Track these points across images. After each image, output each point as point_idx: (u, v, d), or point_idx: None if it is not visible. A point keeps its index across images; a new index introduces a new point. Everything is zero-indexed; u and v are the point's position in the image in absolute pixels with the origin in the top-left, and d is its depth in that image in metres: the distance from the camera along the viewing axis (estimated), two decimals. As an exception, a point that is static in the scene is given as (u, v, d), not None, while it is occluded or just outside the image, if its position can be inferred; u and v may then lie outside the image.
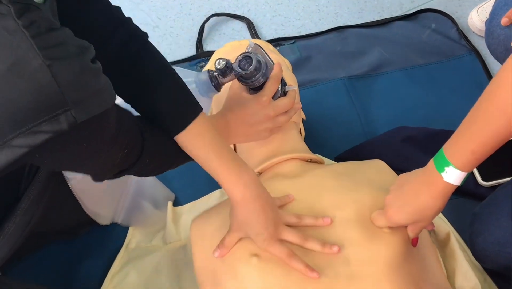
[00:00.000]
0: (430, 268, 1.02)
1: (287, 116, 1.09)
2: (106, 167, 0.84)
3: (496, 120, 0.80)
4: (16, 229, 0.97)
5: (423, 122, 1.45)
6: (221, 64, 1.00)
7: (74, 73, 0.66)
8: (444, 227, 1.20)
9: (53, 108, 0.65)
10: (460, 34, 1.65)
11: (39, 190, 1.00)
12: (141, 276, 1.23)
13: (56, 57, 0.65)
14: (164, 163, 0.95)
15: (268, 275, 0.92)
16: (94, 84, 0.70)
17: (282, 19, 1.74)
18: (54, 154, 0.72)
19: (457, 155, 0.85)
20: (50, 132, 0.65)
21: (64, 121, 0.65)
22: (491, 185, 1.31)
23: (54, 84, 0.64)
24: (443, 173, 0.86)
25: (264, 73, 1.03)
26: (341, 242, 0.94)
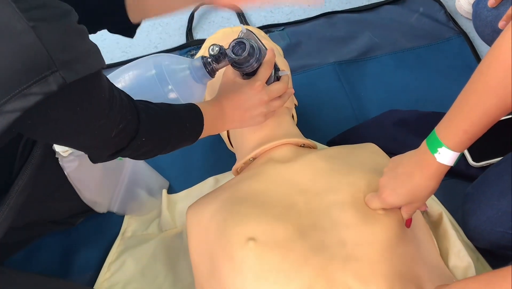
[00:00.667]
0: (424, 248, 1.03)
1: (281, 101, 1.10)
2: (101, 140, 0.83)
3: (487, 100, 0.81)
4: (10, 211, 0.97)
5: (413, 105, 1.46)
6: (215, 50, 1.00)
7: (59, 33, 0.67)
8: (437, 207, 1.21)
9: (41, 69, 0.65)
10: (448, 17, 1.66)
11: (33, 170, 1.00)
12: (137, 264, 1.23)
13: (39, 18, 0.65)
14: (159, 143, 0.94)
15: (265, 259, 0.92)
16: (81, 45, 0.70)
17: (270, 5, 1.74)
18: (47, 119, 0.71)
19: (450, 135, 0.86)
20: (41, 94, 0.65)
21: (53, 82, 0.66)
22: (482, 165, 1.31)
23: (39, 45, 0.64)
24: (436, 154, 0.87)
25: (257, 58, 1.04)
26: (336, 224, 0.95)
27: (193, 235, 1.06)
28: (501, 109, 0.81)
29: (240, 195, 1.03)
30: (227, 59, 1.02)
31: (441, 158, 0.87)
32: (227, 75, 1.09)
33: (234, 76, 1.08)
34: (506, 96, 0.79)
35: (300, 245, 0.93)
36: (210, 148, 1.42)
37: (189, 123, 0.98)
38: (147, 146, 0.91)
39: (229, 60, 1.02)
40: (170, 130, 0.94)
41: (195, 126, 0.99)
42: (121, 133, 0.84)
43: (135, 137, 0.87)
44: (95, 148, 0.86)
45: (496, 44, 0.79)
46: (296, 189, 1.02)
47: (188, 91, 1.03)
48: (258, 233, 0.94)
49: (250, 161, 1.15)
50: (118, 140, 0.85)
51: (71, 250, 1.30)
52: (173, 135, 0.96)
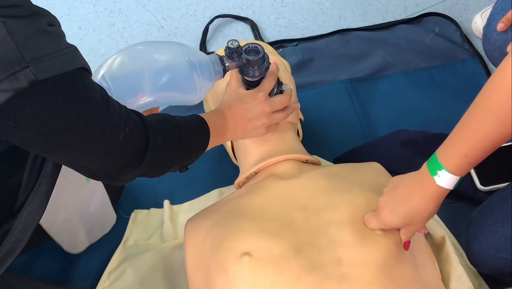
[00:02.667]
0: (423, 271, 1.02)
1: (284, 113, 1.10)
2: (109, 147, 0.79)
3: (488, 124, 0.80)
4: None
5: (424, 126, 1.44)
6: (234, 44, 1.02)
7: (30, 31, 0.67)
8: (440, 230, 1.20)
9: (11, 65, 0.64)
10: (463, 38, 1.65)
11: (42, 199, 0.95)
12: (137, 274, 1.23)
13: (10, 15, 0.65)
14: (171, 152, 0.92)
15: (259, 274, 0.92)
16: (53, 44, 0.69)
17: (286, 21, 1.75)
18: (31, 120, 0.69)
19: (450, 158, 0.85)
20: (11, 91, 0.65)
21: (24, 78, 0.65)
22: (490, 189, 1.29)
23: (10, 40, 0.64)
24: (436, 176, 0.86)
25: (264, 69, 1.06)
26: (333, 243, 0.94)
27: (190, 248, 1.06)
28: (502, 134, 0.80)
29: (238, 209, 1.03)
30: (241, 59, 1.04)
31: (440, 180, 0.86)
32: (230, 85, 1.10)
33: (237, 86, 1.09)
34: (507, 121, 0.78)
35: (295, 262, 0.92)
36: (216, 160, 1.43)
37: (197, 128, 0.98)
38: (166, 146, 0.89)
39: (241, 62, 1.04)
40: (180, 133, 0.92)
41: (203, 132, 0.99)
42: (130, 136, 0.82)
43: (148, 142, 0.85)
44: (105, 155, 0.81)
45: (499, 69, 0.78)
46: (295, 205, 1.01)
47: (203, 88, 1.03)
48: (253, 248, 0.94)
49: (252, 175, 1.15)
50: (130, 145, 0.83)
51: (72, 257, 1.31)
52: (184, 140, 0.93)
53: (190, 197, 1.38)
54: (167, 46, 1.05)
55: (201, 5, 1.80)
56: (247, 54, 1.04)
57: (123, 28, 1.77)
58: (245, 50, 1.04)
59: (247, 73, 1.06)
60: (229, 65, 1.04)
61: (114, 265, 1.27)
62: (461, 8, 1.73)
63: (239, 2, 1.80)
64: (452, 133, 0.85)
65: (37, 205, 0.91)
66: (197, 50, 1.06)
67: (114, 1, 1.84)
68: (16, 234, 0.90)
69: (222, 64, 1.03)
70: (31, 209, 0.90)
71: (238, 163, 1.25)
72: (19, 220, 0.89)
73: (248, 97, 1.06)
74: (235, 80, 1.09)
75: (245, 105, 1.06)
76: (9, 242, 0.89)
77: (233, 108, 1.06)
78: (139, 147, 0.84)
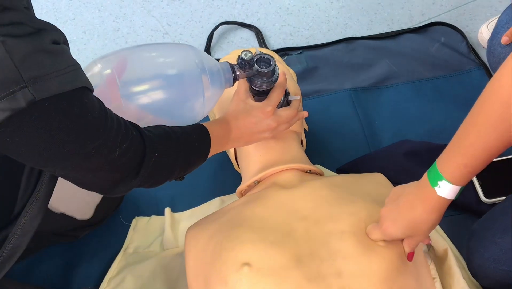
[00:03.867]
0: (424, 283, 1.01)
1: (289, 124, 1.11)
2: (103, 162, 0.80)
3: (486, 134, 0.79)
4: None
5: (428, 137, 1.44)
6: (248, 56, 1.02)
7: (29, 50, 0.67)
8: (443, 243, 1.18)
9: (9, 84, 0.65)
10: (469, 48, 1.64)
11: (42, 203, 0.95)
12: (137, 282, 1.23)
13: (10, 34, 0.66)
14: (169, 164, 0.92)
15: (258, 285, 0.91)
16: (53, 64, 0.69)
17: (291, 29, 1.74)
18: (25, 138, 0.70)
19: (450, 169, 0.84)
20: (8, 110, 0.65)
21: (21, 98, 0.65)
22: (494, 202, 1.29)
23: (8, 59, 0.64)
24: (436, 187, 0.86)
25: (273, 80, 1.06)
26: (334, 254, 0.94)
27: (190, 256, 1.05)
28: (501, 143, 0.79)
29: (239, 218, 1.03)
30: (252, 69, 1.04)
31: (441, 191, 0.86)
32: (239, 95, 1.10)
33: (246, 96, 1.09)
34: (505, 130, 0.78)
35: (296, 273, 0.92)
36: (218, 168, 1.42)
37: (197, 141, 0.98)
38: (162, 164, 0.89)
39: (252, 72, 1.04)
40: (179, 148, 0.93)
41: (203, 145, 0.99)
42: (126, 153, 0.82)
43: (144, 157, 0.85)
44: (99, 170, 0.81)
45: (495, 78, 0.78)
46: (296, 215, 1.01)
47: (212, 94, 1.03)
48: (253, 259, 0.93)
49: (254, 183, 1.15)
50: (126, 161, 0.83)
51: (72, 263, 1.31)
52: (182, 154, 0.94)
53: (192, 205, 1.37)
54: (178, 49, 1.05)
55: (206, 11, 1.80)
56: (258, 65, 1.04)
57: (127, 34, 1.77)
58: (257, 60, 1.04)
59: (256, 83, 1.06)
60: (239, 74, 1.04)
61: (114, 272, 1.26)
62: (468, 18, 1.72)
63: (244, 9, 1.79)
64: (451, 143, 0.85)
65: (35, 211, 0.91)
66: (209, 56, 1.06)
67: (119, 7, 1.84)
68: (14, 241, 0.89)
69: (233, 73, 1.03)
70: (29, 216, 0.90)
71: (240, 170, 1.25)
72: (17, 226, 0.89)
73: (257, 111, 1.06)
74: (243, 90, 1.09)
75: (253, 119, 1.06)
76: (7, 248, 0.89)
77: (240, 121, 1.06)
78: (135, 162, 0.85)
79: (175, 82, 0.99)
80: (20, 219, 0.89)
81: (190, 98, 1.01)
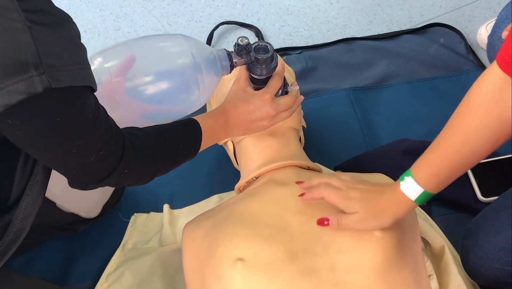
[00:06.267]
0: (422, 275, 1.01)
1: (289, 112, 1.11)
2: (79, 162, 0.82)
3: (450, 137, 0.85)
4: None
5: (426, 136, 1.43)
6: (244, 42, 1.02)
7: (53, 39, 0.70)
8: (440, 240, 1.19)
9: (29, 69, 0.67)
10: (468, 49, 1.64)
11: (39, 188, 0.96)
12: (135, 277, 1.23)
13: (37, 21, 0.68)
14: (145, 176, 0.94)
15: (252, 280, 0.91)
16: (71, 57, 0.72)
17: (290, 29, 1.75)
18: (27, 122, 0.72)
19: (417, 167, 0.89)
20: (25, 93, 0.67)
21: (39, 83, 0.67)
22: (491, 200, 1.28)
23: (32, 45, 0.67)
24: (402, 182, 0.90)
25: (272, 67, 1.06)
26: (328, 248, 0.94)
27: (187, 252, 1.06)
28: (465, 150, 0.84)
29: (234, 214, 1.03)
30: (249, 56, 1.04)
31: (404, 186, 0.89)
32: (239, 83, 1.10)
33: (245, 85, 1.09)
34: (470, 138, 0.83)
35: (289, 268, 0.92)
36: (217, 165, 1.43)
37: (183, 144, 0.99)
38: (131, 178, 0.90)
39: (250, 59, 1.04)
40: (159, 161, 0.95)
41: (191, 146, 1.00)
42: (101, 161, 0.83)
43: (115, 169, 0.86)
44: (73, 169, 0.84)
45: (472, 87, 0.84)
46: (291, 211, 1.01)
47: (207, 80, 1.03)
48: (247, 254, 0.94)
49: (253, 180, 1.15)
50: (98, 168, 0.84)
51: (71, 258, 1.31)
52: (162, 165, 0.96)
53: (190, 202, 1.38)
54: (172, 41, 1.05)
55: (206, 11, 1.81)
56: (256, 53, 1.04)
57: (128, 33, 1.78)
58: (254, 48, 1.05)
59: (255, 71, 1.06)
60: (237, 62, 1.04)
61: (112, 267, 1.26)
62: (467, 20, 1.73)
63: (244, 9, 1.80)
64: (427, 149, 0.89)
65: (35, 194, 0.92)
66: (204, 44, 1.06)
67: (120, 6, 1.85)
68: (18, 224, 0.91)
69: (230, 60, 1.03)
70: (30, 199, 0.91)
71: (239, 167, 1.25)
72: (19, 210, 0.91)
73: (255, 99, 1.07)
74: (244, 78, 1.10)
75: (251, 107, 1.07)
76: (11, 232, 0.90)
77: (239, 109, 1.07)
78: (104, 172, 0.86)
79: (170, 74, 1.00)
80: (21, 202, 0.90)
81: (187, 88, 1.02)
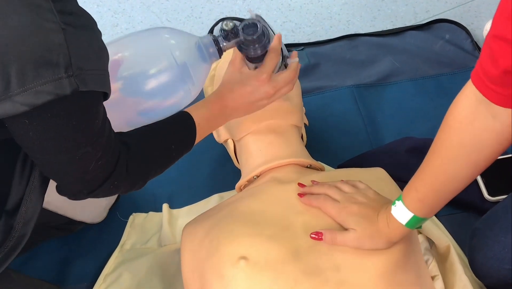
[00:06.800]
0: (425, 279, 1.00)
1: (289, 87, 1.06)
2: (79, 169, 0.81)
3: (431, 161, 0.85)
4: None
5: (430, 134, 1.37)
6: (229, 26, 0.98)
7: (82, 43, 0.71)
8: (445, 240, 1.17)
9: (59, 70, 0.68)
10: (474, 45, 1.61)
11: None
12: (134, 278, 1.21)
13: (70, 23, 0.69)
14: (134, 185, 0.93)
15: (255, 279, 0.91)
16: (98, 62, 0.74)
17: (292, 25, 1.72)
18: (45, 124, 0.72)
19: (406, 192, 0.88)
20: (53, 94, 0.68)
21: (68, 85, 0.68)
22: (498, 200, 1.27)
23: (65, 47, 0.68)
24: (393, 206, 0.90)
25: (265, 44, 1.00)
26: (332, 248, 0.93)
27: (186, 252, 1.04)
28: (446, 171, 0.83)
29: (235, 213, 1.02)
30: (237, 38, 0.99)
31: (395, 210, 0.89)
32: (234, 64, 1.06)
33: (241, 65, 1.05)
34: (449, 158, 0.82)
35: (293, 267, 0.91)
36: (217, 164, 1.41)
37: (176, 145, 0.97)
38: (120, 189, 0.90)
39: (239, 41, 0.99)
40: (150, 168, 0.94)
41: (184, 143, 0.99)
42: (97, 170, 0.82)
43: (107, 180, 0.85)
44: (70, 176, 0.83)
45: (450, 108, 0.82)
46: (294, 210, 1.00)
47: (196, 70, 1.00)
48: (250, 253, 0.93)
49: (254, 178, 1.14)
50: (93, 177, 0.83)
51: (69, 259, 1.30)
52: (154, 169, 0.95)
53: (190, 201, 1.36)
54: (152, 36, 1.02)
55: (207, 7, 1.79)
56: (245, 32, 0.98)
57: (126, 29, 1.75)
58: (243, 27, 0.99)
59: (249, 52, 1.01)
60: (225, 45, 0.99)
61: (110, 268, 1.25)
62: (472, 16, 1.70)
63: (246, 5, 1.78)
64: (415, 174, 0.89)
65: (34, 199, 0.90)
66: (188, 34, 1.01)
67: (118, 2, 1.82)
68: (19, 229, 0.90)
69: (216, 46, 0.99)
70: (29, 204, 0.90)
71: (240, 166, 1.23)
72: (19, 215, 0.90)
73: (251, 79, 1.02)
74: (238, 59, 1.05)
75: (249, 88, 1.02)
76: (14, 237, 0.90)
77: (236, 92, 1.03)
78: (98, 181, 0.85)
79: (157, 71, 0.97)
80: (21, 207, 0.89)
81: (176, 81, 0.98)
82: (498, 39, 0.66)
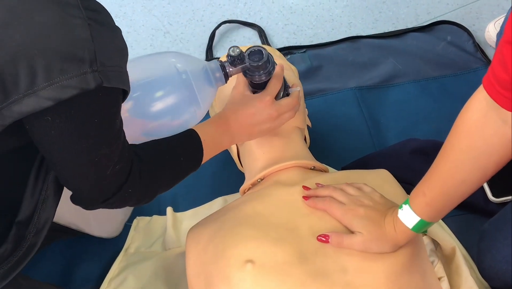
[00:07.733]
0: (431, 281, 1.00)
1: (292, 112, 1.08)
2: (96, 173, 0.80)
3: (440, 165, 0.84)
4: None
5: (434, 136, 1.41)
6: (236, 52, 1.00)
7: (108, 40, 0.72)
8: (450, 241, 1.17)
9: (84, 65, 0.68)
10: (476, 47, 1.61)
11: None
12: (138, 282, 1.21)
13: (96, 20, 0.70)
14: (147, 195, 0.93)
15: (262, 282, 0.90)
16: (118, 59, 0.74)
17: (294, 27, 1.72)
18: (69, 120, 0.72)
19: (414, 195, 0.88)
20: (78, 89, 0.68)
21: (92, 80, 0.69)
22: (502, 201, 1.27)
23: (90, 42, 0.69)
24: (400, 209, 0.89)
25: (270, 71, 1.04)
26: (339, 250, 0.92)
27: (191, 255, 1.04)
28: (455, 176, 0.83)
29: (241, 216, 1.01)
30: (243, 64, 1.02)
31: (402, 214, 0.89)
32: (237, 88, 1.08)
33: (244, 89, 1.07)
34: (457, 163, 0.82)
35: (299, 270, 0.91)
36: (221, 167, 1.40)
37: (184, 158, 0.98)
38: (132, 199, 0.89)
39: (245, 67, 1.02)
40: (160, 179, 0.94)
41: (192, 156, 0.99)
42: (114, 176, 0.82)
43: (121, 188, 0.85)
44: (87, 182, 0.82)
45: (461, 112, 0.82)
46: (299, 213, 0.99)
47: (203, 94, 1.02)
48: (256, 256, 0.92)
49: (258, 181, 1.13)
50: (109, 183, 0.83)
51: (72, 263, 1.29)
52: (165, 183, 0.96)
53: (194, 204, 1.36)
54: (159, 61, 1.04)
55: (208, 10, 1.78)
56: (251, 59, 1.02)
57: (128, 33, 1.75)
58: (249, 54, 1.02)
59: (253, 77, 1.04)
60: (232, 70, 1.02)
61: (115, 272, 1.25)
62: (474, 17, 1.70)
63: (247, 8, 1.77)
64: (423, 178, 0.89)
65: (48, 208, 0.90)
66: (196, 58, 1.05)
67: (119, 5, 1.82)
68: (30, 239, 0.90)
69: (223, 71, 1.01)
70: (42, 214, 0.90)
71: (243, 169, 1.23)
72: (32, 224, 0.89)
73: (255, 102, 1.04)
74: (242, 84, 1.08)
75: (252, 110, 1.04)
76: (24, 247, 0.90)
77: (239, 114, 1.04)
78: (112, 188, 0.84)
79: (163, 95, 0.99)
80: (34, 216, 0.89)
81: (182, 104, 1.01)
82: (510, 45, 0.66)
